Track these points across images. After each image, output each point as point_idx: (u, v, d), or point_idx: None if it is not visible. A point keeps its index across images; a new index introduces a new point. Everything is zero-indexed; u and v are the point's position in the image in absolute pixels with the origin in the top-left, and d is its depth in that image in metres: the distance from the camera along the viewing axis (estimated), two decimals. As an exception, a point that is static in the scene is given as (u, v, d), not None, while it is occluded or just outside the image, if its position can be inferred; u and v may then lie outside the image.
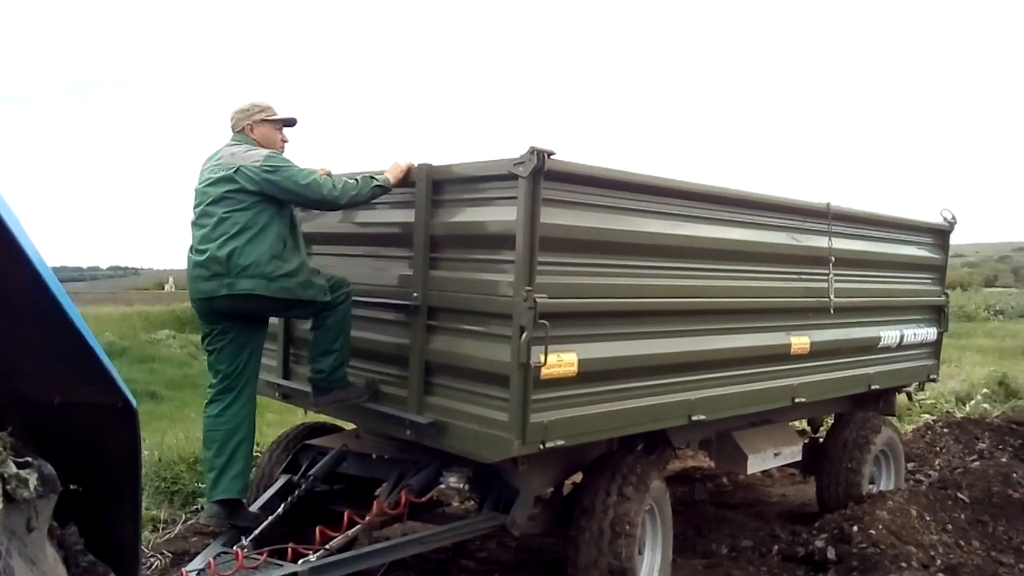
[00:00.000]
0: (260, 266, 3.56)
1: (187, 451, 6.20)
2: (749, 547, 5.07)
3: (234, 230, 3.58)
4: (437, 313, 3.73)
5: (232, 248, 3.56)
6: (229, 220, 3.59)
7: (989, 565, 4.61)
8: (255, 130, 3.88)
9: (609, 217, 3.69)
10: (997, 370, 11.82)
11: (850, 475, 5.57)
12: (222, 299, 3.62)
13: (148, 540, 5.07)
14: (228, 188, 3.62)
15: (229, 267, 3.56)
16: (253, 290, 3.56)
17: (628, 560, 3.82)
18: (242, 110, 3.91)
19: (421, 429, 3.68)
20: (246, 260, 3.55)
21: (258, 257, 3.57)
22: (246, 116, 3.90)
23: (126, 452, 1.54)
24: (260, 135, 3.88)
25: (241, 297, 3.58)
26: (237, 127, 3.91)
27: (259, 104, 3.93)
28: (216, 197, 3.64)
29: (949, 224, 6.29)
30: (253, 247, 3.57)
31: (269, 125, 3.92)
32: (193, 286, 3.73)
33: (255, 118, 3.89)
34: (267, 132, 3.91)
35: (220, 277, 3.57)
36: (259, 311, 3.76)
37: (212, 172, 3.72)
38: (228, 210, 3.60)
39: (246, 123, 3.89)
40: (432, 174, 3.72)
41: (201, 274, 3.63)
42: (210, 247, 3.59)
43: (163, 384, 11.16)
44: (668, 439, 4.57)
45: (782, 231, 4.80)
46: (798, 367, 4.92)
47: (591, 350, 3.61)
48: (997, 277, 76.81)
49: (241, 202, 3.61)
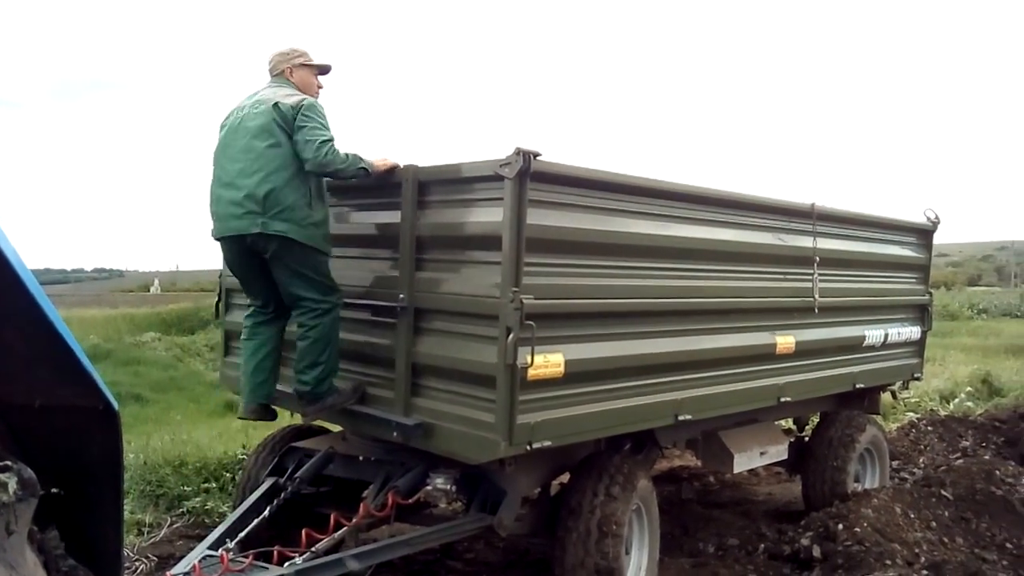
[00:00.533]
0: (294, 210, 3.64)
1: (172, 454, 6.17)
2: (736, 546, 5.09)
3: (272, 167, 3.64)
4: (424, 314, 3.72)
5: (270, 188, 3.62)
6: (268, 156, 3.66)
7: (972, 562, 4.65)
8: (294, 74, 3.99)
9: (595, 218, 3.70)
10: (980, 368, 11.93)
11: (835, 473, 5.61)
12: (254, 237, 3.67)
13: (133, 544, 5.03)
14: (269, 122, 3.69)
15: (265, 206, 3.62)
16: (286, 233, 3.63)
17: (615, 560, 3.83)
18: (282, 53, 4.01)
19: (408, 431, 3.67)
20: (283, 203, 3.62)
21: (294, 201, 3.65)
22: (286, 60, 4.00)
23: (108, 455, 1.53)
24: (298, 79, 3.99)
25: (273, 238, 3.64)
26: (276, 70, 4.01)
27: (298, 49, 4.03)
28: (256, 131, 3.70)
29: (933, 224, 6.34)
30: (290, 190, 3.65)
31: (307, 70, 4.03)
32: (222, 224, 3.78)
33: (295, 62, 4.00)
34: (305, 76, 4.01)
35: (254, 215, 3.63)
36: (282, 256, 3.71)
37: (254, 107, 3.79)
38: (269, 145, 3.67)
39: (286, 66, 3.99)
40: (418, 175, 3.71)
41: (234, 212, 3.69)
42: (248, 183, 3.65)
43: (148, 387, 11.09)
44: (655, 439, 4.59)
45: (767, 231, 4.83)
46: (784, 366, 4.95)
47: (578, 351, 3.62)
48: (980, 276, 77.49)
49: (279, 142, 3.68)
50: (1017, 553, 4.89)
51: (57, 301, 1.35)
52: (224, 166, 3.81)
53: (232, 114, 3.91)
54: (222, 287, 5.00)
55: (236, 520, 3.89)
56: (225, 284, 4.98)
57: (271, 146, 3.67)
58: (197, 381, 11.99)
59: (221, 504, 5.65)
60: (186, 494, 5.76)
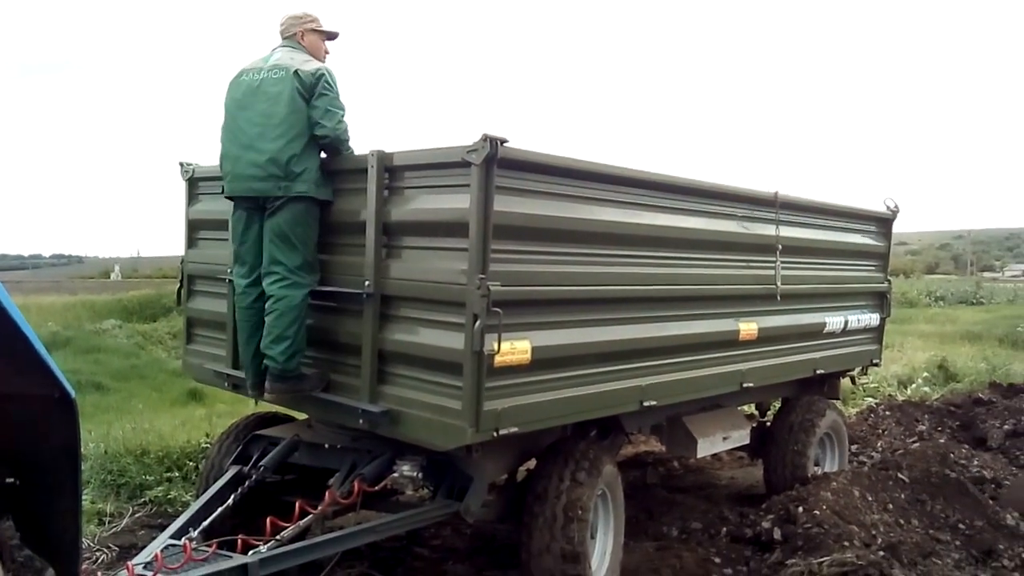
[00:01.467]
0: (311, 172, 3.82)
1: (134, 443, 6.09)
2: (699, 529, 5.17)
3: (293, 133, 3.79)
4: (390, 301, 3.70)
5: (292, 154, 3.78)
6: (289, 122, 3.79)
7: (927, 542, 4.78)
8: (305, 37, 4.12)
9: (562, 205, 3.71)
10: (937, 355, 12.24)
11: (796, 457, 5.72)
12: (276, 200, 3.81)
13: (94, 534, 4.96)
14: (291, 90, 3.81)
15: (287, 171, 3.78)
16: (306, 192, 3.80)
17: (581, 544, 3.87)
18: (295, 16, 4.14)
19: (374, 418, 3.66)
20: (303, 165, 3.79)
21: (311, 164, 3.83)
22: (298, 23, 4.13)
23: (65, 444, 1.50)
24: (308, 43, 4.12)
25: (294, 199, 3.79)
26: (287, 32, 4.13)
27: (310, 14, 4.17)
28: (277, 96, 3.83)
29: (892, 213, 6.47)
30: (307, 155, 3.81)
31: (317, 35, 4.17)
32: (242, 184, 3.90)
33: (307, 26, 4.13)
34: (314, 41, 4.15)
35: (277, 179, 3.79)
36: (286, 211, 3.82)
37: (273, 72, 3.90)
38: (291, 111, 3.80)
39: (297, 29, 4.12)
40: (384, 161, 3.68)
41: (256, 173, 3.83)
42: (270, 148, 3.79)
43: (109, 375, 10.88)
44: (621, 425, 4.63)
45: (731, 219, 4.88)
46: (746, 353, 5.02)
47: (544, 337, 3.63)
48: (938, 264, 79.26)
49: (299, 108, 3.81)
50: (970, 534, 5.04)
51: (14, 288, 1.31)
52: (242, 127, 3.92)
53: (246, 74, 4.00)
54: (184, 273, 4.92)
55: (199, 509, 3.85)
56: (187, 270, 4.91)
57: (292, 112, 3.80)
58: (160, 369, 11.81)
59: (184, 493, 5.60)
60: (148, 483, 5.69)
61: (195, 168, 4.81)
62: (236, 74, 4.06)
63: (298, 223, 3.83)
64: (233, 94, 4.02)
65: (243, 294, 4.03)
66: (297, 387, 3.90)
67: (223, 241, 4.43)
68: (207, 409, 8.34)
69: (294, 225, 3.83)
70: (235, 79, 4.05)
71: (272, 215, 3.85)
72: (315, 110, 3.82)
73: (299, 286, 3.83)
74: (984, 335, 16.11)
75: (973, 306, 27.20)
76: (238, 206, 4.01)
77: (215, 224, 4.60)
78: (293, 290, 3.81)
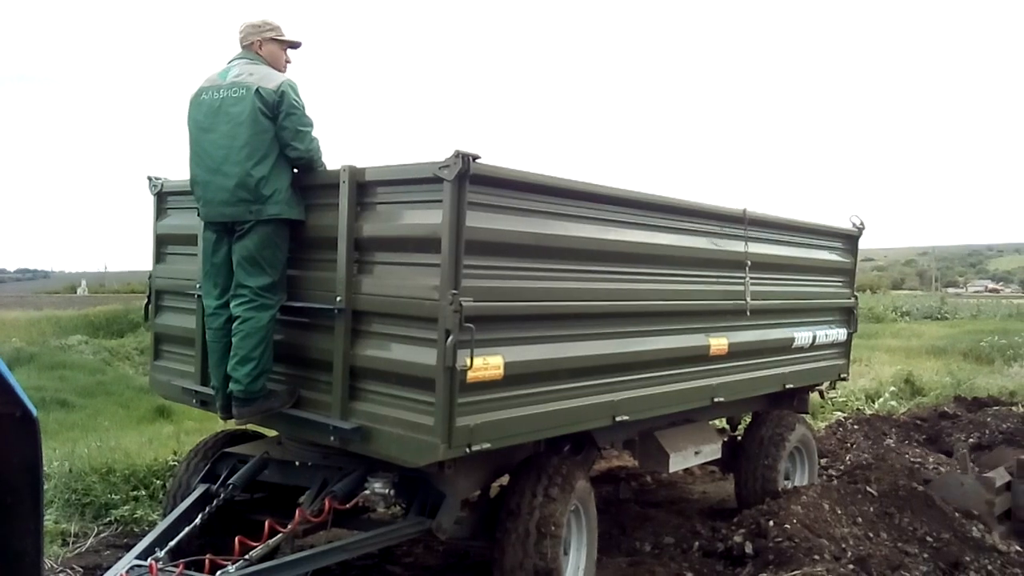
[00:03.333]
0: (281, 193, 3.74)
1: (99, 461, 5.96)
2: (671, 544, 5.19)
3: (259, 155, 3.70)
4: (361, 317, 3.69)
5: (261, 176, 3.70)
6: (255, 144, 3.70)
7: (896, 555, 4.83)
8: (263, 47, 3.99)
9: (535, 221, 3.73)
10: (904, 369, 12.45)
11: (766, 471, 5.77)
12: (247, 223, 3.73)
13: (58, 555, 4.85)
14: (252, 110, 3.71)
15: (257, 194, 3.70)
16: (280, 214, 3.73)
17: (554, 561, 3.86)
18: (254, 25, 4.00)
19: (345, 435, 3.63)
20: (270, 189, 3.71)
21: (279, 186, 3.74)
22: (257, 32, 3.99)
23: (26, 463, 1.47)
24: (267, 52, 3.99)
25: (265, 221, 3.72)
26: (246, 41, 3.99)
27: (270, 23, 4.03)
28: (240, 117, 3.73)
29: (858, 229, 6.59)
30: (277, 175, 3.73)
31: (277, 45, 4.03)
32: (214, 209, 3.83)
33: (266, 35, 4.00)
34: (274, 51, 4.02)
35: (247, 203, 3.71)
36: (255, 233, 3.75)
37: (233, 91, 3.79)
38: (255, 132, 3.71)
39: (256, 38, 3.99)
40: (356, 176, 3.68)
41: (226, 198, 3.76)
42: (237, 172, 3.71)
43: (75, 392, 10.66)
44: (593, 440, 4.65)
45: (701, 236, 4.93)
46: (717, 368, 5.07)
47: (517, 353, 3.63)
48: (904, 280, 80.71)
49: (264, 128, 3.72)
50: (937, 546, 5.10)
51: (-25, 303, 1.29)
52: (207, 150, 3.83)
53: (205, 92, 3.89)
54: (152, 288, 4.86)
55: (166, 528, 3.78)
56: (155, 285, 4.85)
57: (255, 134, 3.72)
58: (127, 385, 11.59)
59: (151, 512, 5.49)
60: (114, 502, 5.57)
61: (163, 182, 4.76)
62: (195, 92, 3.95)
63: (266, 246, 3.78)
64: (195, 115, 3.91)
65: (213, 315, 3.97)
66: (264, 406, 3.86)
67: (191, 256, 4.39)
68: (175, 426, 8.20)
69: (262, 248, 3.77)
70: (195, 98, 3.94)
71: (240, 238, 3.80)
72: (285, 131, 3.74)
73: (265, 307, 3.79)
74: (949, 349, 16.42)
75: (938, 321, 27.70)
76: (208, 227, 3.96)
77: (183, 239, 4.56)
78: (259, 311, 3.77)
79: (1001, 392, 11.31)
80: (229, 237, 3.88)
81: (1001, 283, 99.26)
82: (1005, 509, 6.05)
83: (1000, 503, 5.91)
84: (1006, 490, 6.08)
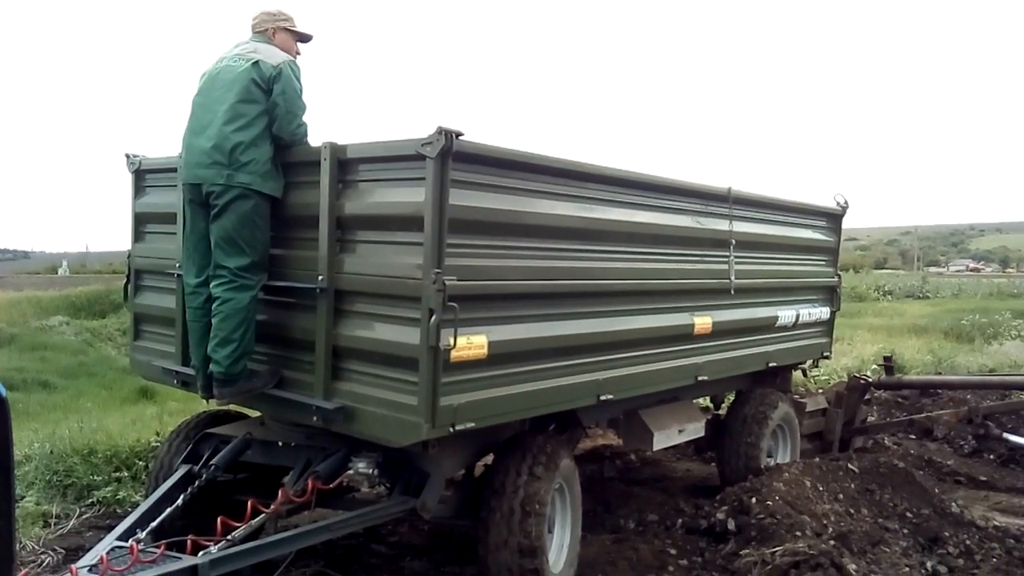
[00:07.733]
0: (258, 164, 3.72)
1: (81, 442, 5.92)
2: (655, 521, 5.23)
3: (242, 122, 3.72)
4: (344, 296, 3.65)
5: (239, 142, 3.69)
6: (239, 111, 3.72)
7: (876, 531, 4.89)
8: (276, 35, 4.07)
9: (519, 199, 3.70)
10: (886, 347, 12.54)
11: (749, 449, 5.81)
12: (219, 187, 3.70)
13: (39, 537, 4.83)
14: (246, 79, 3.75)
15: (231, 159, 3.69)
16: (250, 184, 3.70)
17: (538, 538, 3.87)
18: (269, 13, 4.09)
19: (329, 415, 3.60)
20: (248, 157, 3.70)
21: (259, 156, 3.72)
22: (272, 20, 4.08)
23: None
24: (279, 41, 4.06)
25: (232, 188, 3.69)
26: (259, 27, 4.07)
27: (284, 13, 4.13)
28: (231, 84, 3.77)
29: (842, 208, 6.60)
30: (256, 147, 3.72)
31: (289, 35, 4.11)
32: (189, 171, 3.84)
33: (280, 24, 4.09)
34: (286, 40, 4.09)
35: (220, 167, 3.70)
36: (230, 208, 3.72)
37: (234, 61, 3.85)
38: (242, 100, 3.74)
39: (270, 26, 4.07)
40: (338, 153, 3.63)
41: (201, 160, 3.76)
42: (217, 135, 3.73)
43: (56, 373, 10.59)
44: (578, 419, 4.65)
45: (686, 214, 4.92)
46: (701, 346, 5.08)
47: (501, 332, 3.62)
48: (886, 260, 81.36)
49: (254, 98, 3.75)
50: (917, 522, 5.17)
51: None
52: (198, 115, 3.89)
53: (213, 65, 3.95)
54: (131, 268, 4.80)
55: (148, 509, 3.75)
56: (134, 264, 4.78)
57: (243, 101, 3.74)
58: (109, 366, 11.52)
59: (133, 494, 5.47)
60: (96, 484, 5.54)
61: (142, 160, 4.69)
62: (209, 66, 4.02)
63: (244, 225, 3.73)
64: (199, 84, 3.98)
65: (193, 294, 3.94)
66: (246, 387, 3.83)
67: (171, 235, 4.33)
68: (159, 407, 8.16)
69: (240, 227, 3.73)
70: (205, 70, 4.01)
71: (217, 217, 3.75)
72: (276, 108, 3.75)
73: (245, 288, 3.74)
74: (930, 328, 16.60)
75: (920, 300, 27.99)
76: (186, 201, 3.92)
77: (163, 217, 4.49)
78: (239, 292, 3.73)
79: (981, 369, 11.45)
80: (206, 212, 3.83)
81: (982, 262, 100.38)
82: (816, 431, 7.12)
83: (809, 425, 6.90)
84: (821, 415, 7.14)
